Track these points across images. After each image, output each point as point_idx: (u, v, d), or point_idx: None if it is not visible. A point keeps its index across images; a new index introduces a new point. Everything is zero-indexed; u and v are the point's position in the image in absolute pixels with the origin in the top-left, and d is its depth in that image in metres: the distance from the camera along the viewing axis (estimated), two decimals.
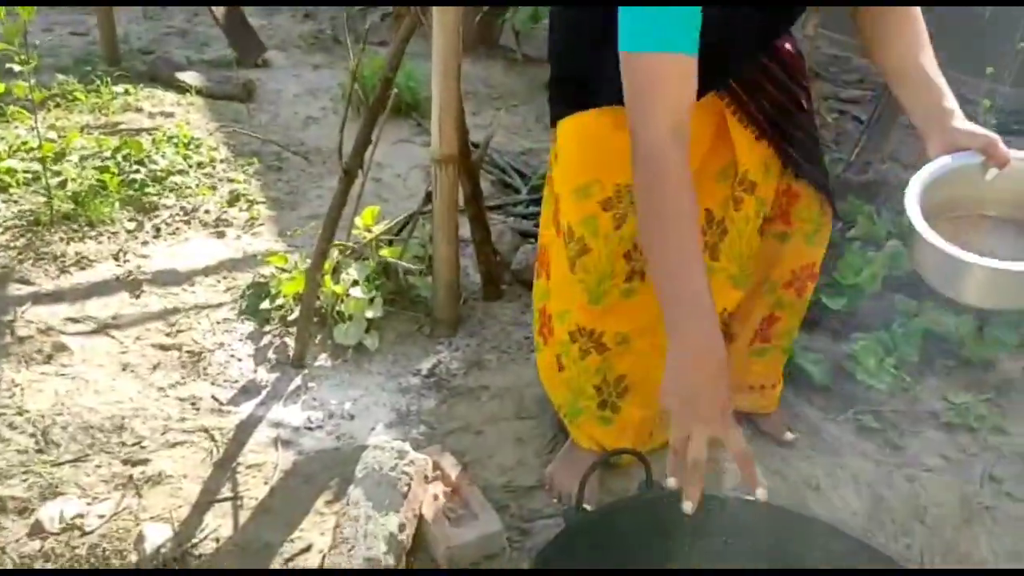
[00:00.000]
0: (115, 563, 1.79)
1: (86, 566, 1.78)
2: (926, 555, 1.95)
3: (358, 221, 2.81)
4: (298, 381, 2.50)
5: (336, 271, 2.74)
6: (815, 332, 2.68)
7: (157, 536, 1.86)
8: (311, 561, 1.90)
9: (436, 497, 2.04)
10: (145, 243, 3.11)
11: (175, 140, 3.72)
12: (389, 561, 1.86)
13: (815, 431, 2.36)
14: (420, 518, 2.00)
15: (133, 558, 1.81)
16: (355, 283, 2.66)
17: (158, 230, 3.19)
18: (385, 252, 2.76)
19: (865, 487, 2.14)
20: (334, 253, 2.75)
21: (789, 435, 2.28)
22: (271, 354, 2.61)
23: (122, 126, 3.86)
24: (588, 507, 1.71)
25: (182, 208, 3.33)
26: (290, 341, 2.62)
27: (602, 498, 2.04)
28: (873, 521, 2.05)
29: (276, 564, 1.89)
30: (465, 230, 2.84)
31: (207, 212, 3.33)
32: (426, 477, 2.07)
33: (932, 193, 1.52)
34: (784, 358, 2.23)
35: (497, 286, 2.96)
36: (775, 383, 2.24)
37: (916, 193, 1.51)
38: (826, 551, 1.69)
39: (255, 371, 2.53)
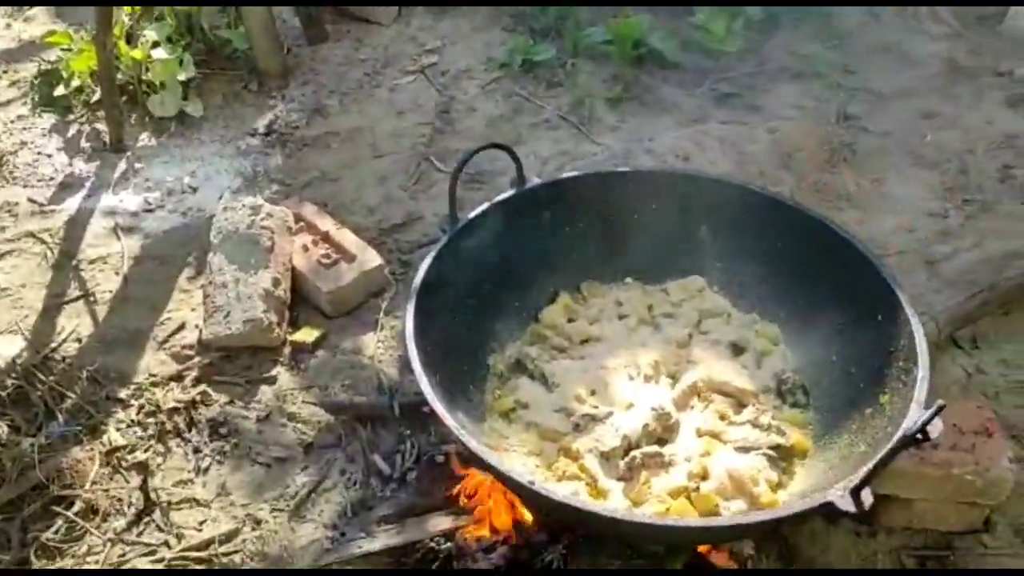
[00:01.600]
0: None
1: None
2: (796, 195, 1.99)
3: None
4: (123, 165, 2.24)
5: (131, 38, 2.39)
6: (659, 11, 2.58)
7: (8, 349, 1.68)
8: (188, 338, 1.77)
9: (306, 248, 1.91)
10: None
11: None
12: (272, 318, 1.75)
13: (675, 107, 2.32)
14: (294, 272, 1.88)
15: None
16: (155, 45, 2.34)
17: None
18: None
19: (731, 147, 2.13)
20: (123, 18, 2.39)
21: None
22: (84, 143, 2.31)
23: None
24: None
25: None
26: (101, 126, 2.32)
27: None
28: (743, 176, 2.06)
29: (151, 349, 1.75)
30: None
31: None
32: (289, 229, 1.92)
33: None
34: None
35: (321, 26, 2.68)
36: None
37: None
38: (714, 201, 1.66)
39: (70, 164, 2.25)
